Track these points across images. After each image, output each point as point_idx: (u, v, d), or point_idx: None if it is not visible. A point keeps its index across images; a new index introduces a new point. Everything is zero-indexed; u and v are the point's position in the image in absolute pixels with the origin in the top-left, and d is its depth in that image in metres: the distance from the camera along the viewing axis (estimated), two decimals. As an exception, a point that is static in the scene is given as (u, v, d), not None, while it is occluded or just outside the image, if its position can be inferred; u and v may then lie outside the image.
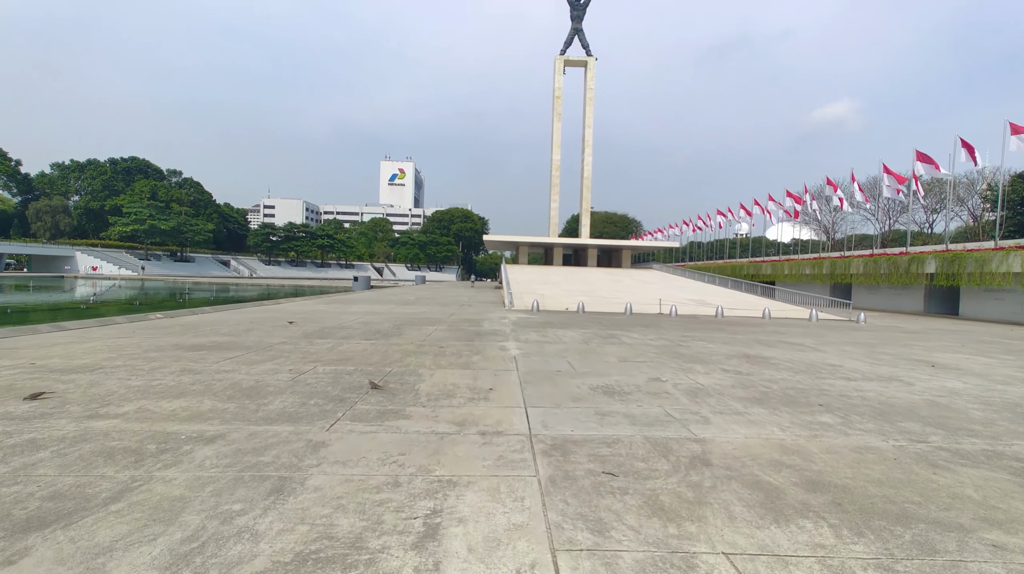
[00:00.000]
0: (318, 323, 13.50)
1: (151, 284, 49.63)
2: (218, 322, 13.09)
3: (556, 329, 13.89)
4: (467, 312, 19.10)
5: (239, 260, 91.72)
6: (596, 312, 21.19)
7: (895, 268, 32.75)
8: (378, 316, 16.23)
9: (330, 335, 11.10)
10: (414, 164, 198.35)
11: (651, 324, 16.30)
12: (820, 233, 71.63)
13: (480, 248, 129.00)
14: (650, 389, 6.66)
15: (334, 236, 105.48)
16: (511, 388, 6.52)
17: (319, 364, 7.67)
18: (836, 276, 38.49)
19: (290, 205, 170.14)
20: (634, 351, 10.12)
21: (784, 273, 45.47)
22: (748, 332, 14.71)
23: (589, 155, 54.17)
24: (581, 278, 37.58)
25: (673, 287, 34.00)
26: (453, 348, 9.78)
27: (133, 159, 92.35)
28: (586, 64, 53.63)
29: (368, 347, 9.54)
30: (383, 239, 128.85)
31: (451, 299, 27.82)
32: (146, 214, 69.90)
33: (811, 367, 8.80)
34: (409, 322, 14.61)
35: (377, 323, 14.05)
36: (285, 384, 6.22)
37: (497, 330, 13.28)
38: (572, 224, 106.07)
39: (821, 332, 15.52)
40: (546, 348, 10.21)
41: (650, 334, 13.28)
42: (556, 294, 27.82)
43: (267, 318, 14.46)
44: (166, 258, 78.07)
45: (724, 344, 11.65)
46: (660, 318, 19.08)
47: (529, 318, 17.33)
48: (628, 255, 55.09)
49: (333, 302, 22.80)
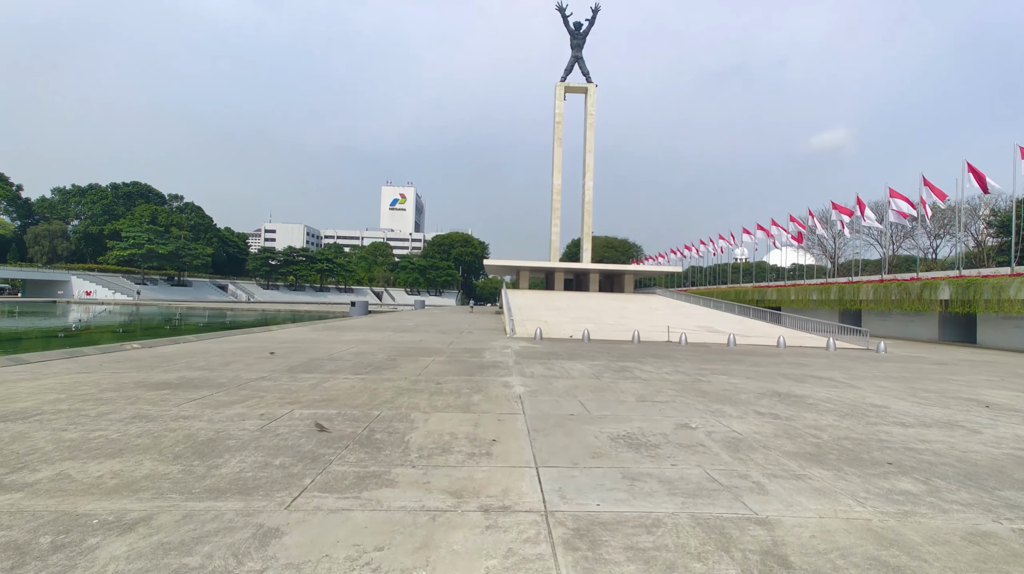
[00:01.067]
0: (306, 354, 12.53)
1: (144, 310, 48.66)
2: (197, 353, 12.13)
3: (563, 361, 12.91)
4: (467, 340, 18.13)
5: (237, 284, 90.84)
6: (602, 340, 20.21)
7: (906, 294, 31.84)
8: (373, 345, 15.26)
9: (317, 369, 10.13)
10: (415, 189, 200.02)
11: (663, 354, 15.32)
12: (823, 258, 71.10)
13: (480, 272, 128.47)
14: (681, 439, 5.68)
15: (333, 260, 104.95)
16: (518, 438, 5.55)
17: (297, 406, 6.69)
18: (845, 302, 37.54)
19: (291, 229, 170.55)
20: (651, 388, 9.14)
21: (790, 299, 44.54)
22: (768, 364, 13.72)
23: (590, 180, 53.97)
24: (584, 304, 36.65)
25: (679, 313, 33.05)
26: (451, 385, 8.81)
27: (135, 184, 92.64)
28: (586, 90, 53.99)
29: (357, 384, 8.57)
30: (383, 263, 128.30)
31: (451, 326, 26.86)
32: (144, 238, 69.40)
33: (855, 409, 7.81)
34: (405, 352, 13.64)
35: (371, 354, 13.08)
36: (250, 436, 5.25)
37: (499, 362, 12.31)
38: (573, 249, 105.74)
39: (846, 364, 14.52)
40: (554, 384, 9.24)
41: (664, 366, 12.30)
42: (559, 321, 26.86)
43: (252, 348, 13.49)
44: (163, 282, 77.19)
45: (748, 379, 10.66)
46: (670, 347, 18.09)
47: (532, 347, 16.36)
48: (631, 280, 54.29)
49: (327, 329, 21.83)
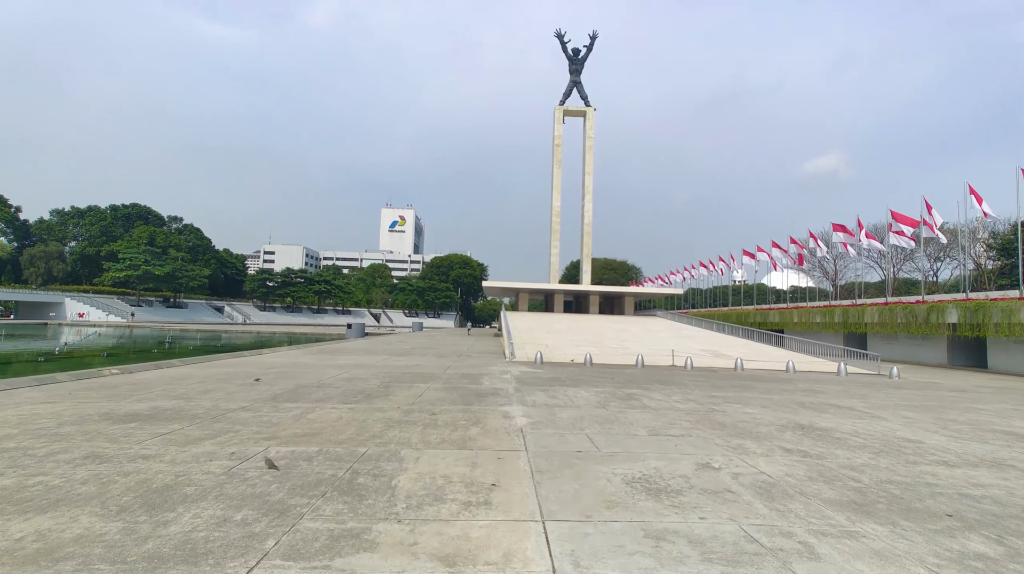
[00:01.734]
0: (294, 380, 11.84)
1: (137, 332, 47.83)
2: (178, 379, 11.44)
3: (566, 387, 12.23)
4: (465, 365, 17.43)
5: (233, 306, 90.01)
6: (605, 364, 19.51)
7: (913, 317, 31.28)
8: (366, 370, 14.57)
9: (303, 397, 9.45)
10: (414, 211, 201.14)
11: (670, 380, 14.63)
12: (824, 280, 70.76)
13: (479, 294, 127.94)
14: (705, 483, 5.02)
15: (331, 282, 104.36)
16: (520, 482, 4.89)
17: (274, 443, 6.02)
18: (850, 325, 36.92)
19: (290, 251, 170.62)
20: (663, 419, 8.47)
21: (793, 321, 43.90)
22: (782, 391, 13.04)
23: (589, 202, 53.97)
24: (585, 326, 35.99)
25: (682, 336, 32.38)
26: (447, 415, 8.14)
27: (135, 206, 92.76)
28: (585, 114, 54.48)
29: (345, 415, 7.90)
30: (381, 285, 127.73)
31: (448, 348, 26.14)
32: (141, 259, 68.87)
33: (887, 444, 7.15)
34: (400, 378, 12.95)
35: (363, 379, 12.40)
36: (213, 481, 4.58)
37: (498, 389, 11.63)
38: (572, 271, 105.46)
39: (862, 391, 13.84)
40: (558, 415, 8.57)
41: (674, 394, 11.62)
42: (560, 344, 26.17)
43: (238, 374, 12.79)
44: (158, 304, 76.33)
45: (764, 408, 9.99)
46: (676, 372, 17.40)
47: (533, 372, 15.67)
48: (631, 302, 53.74)
49: (320, 352, 21.12)
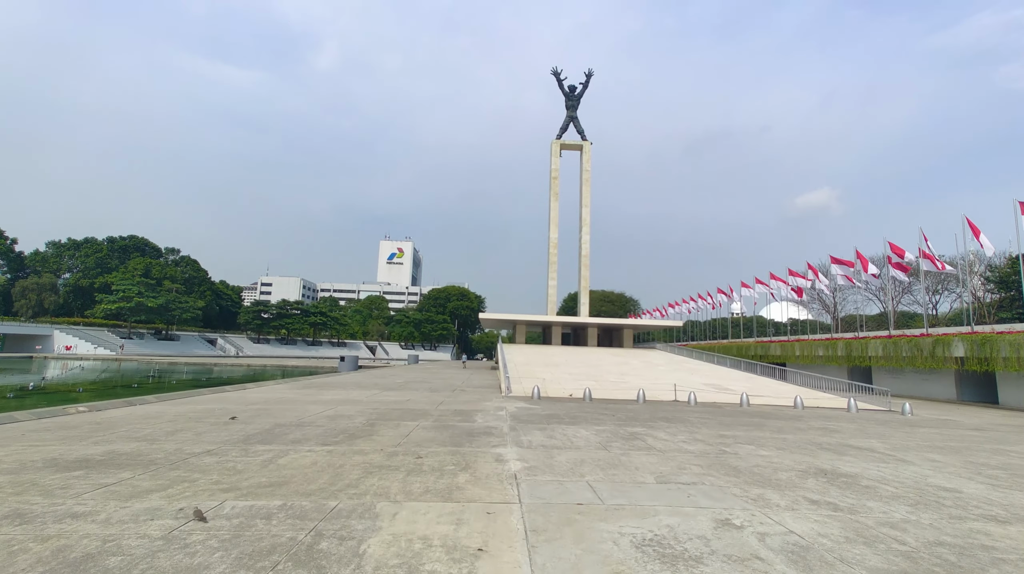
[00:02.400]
0: (273, 418, 11.05)
1: (125, 365, 46.63)
2: (147, 418, 10.64)
3: (564, 425, 11.46)
4: (459, 400, 16.61)
5: (227, 338, 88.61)
6: (605, 399, 18.69)
7: (918, 351, 30.61)
8: (353, 406, 13.76)
9: (278, 438, 8.68)
10: (413, 244, 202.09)
11: (674, 417, 13.84)
12: (823, 313, 70.29)
13: (476, 327, 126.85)
14: (728, 546, 4.30)
15: (327, 314, 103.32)
16: (512, 546, 4.16)
17: (232, 496, 5.28)
18: (853, 358, 36.17)
19: (287, 283, 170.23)
20: (671, 463, 7.72)
21: (795, 354, 43.12)
22: (794, 430, 12.27)
23: (587, 234, 54.04)
24: (583, 359, 35.16)
25: (683, 370, 31.55)
26: (434, 459, 7.39)
27: (132, 237, 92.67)
28: (581, 147, 55.29)
29: (320, 459, 7.14)
30: (378, 317, 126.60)
31: (443, 383, 25.24)
32: (134, 291, 68.03)
33: (922, 494, 6.42)
34: (388, 415, 12.15)
35: (348, 416, 11.60)
36: (146, 549, 3.85)
37: (492, 427, 10.85)
38: (570, 303, 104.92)
39: (878, 430, 13.07)
40: (556, 458, 7.82)
41: (680, 433, 10.86)
42: (558, 377, 25.33)
43: (214, 411, 11.99)
44: (150, 336, 74.98)
45: (779, 450, 9.25)
46: (680, 408, 16.59)
47: (530, 409, 14.86)
48: (630, 334, 53.01)
49: (308, 387, 20.23)
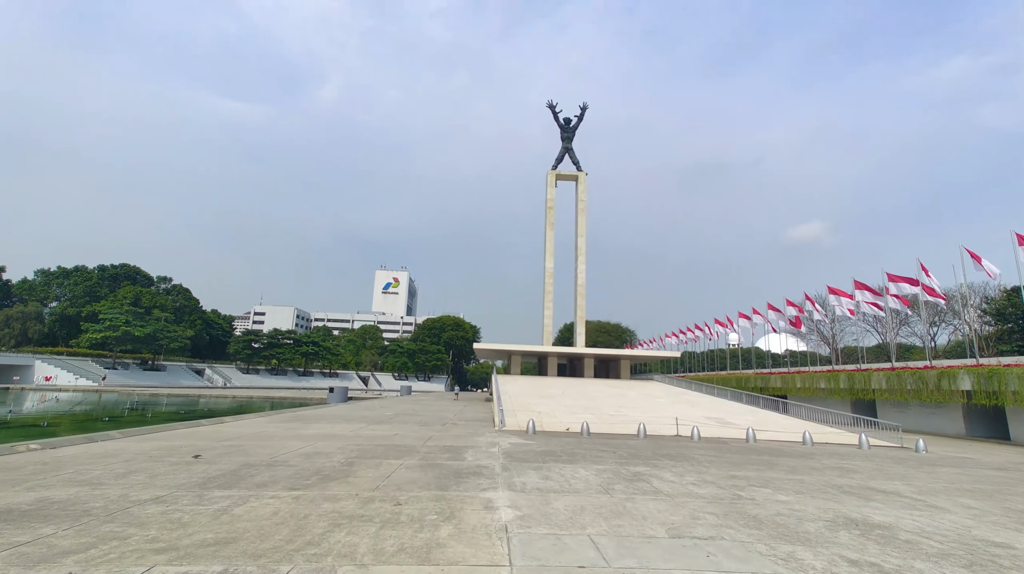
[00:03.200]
0: (243, 456, 10.10)
1: (105, 397, 44.96)
2: (102, 457, 9.68)
3: (561, 464, 10.55)
4: (449, 435, 15.61)
5: (215, 368, 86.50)
6: (603, 434, 17.72)
7: (923, 384, 29.80)
8: (334, 442, 12.78)
9: (243, 480, 7.77)
10: (408, 273, 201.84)
11: (679, 454, 12.92)
12: (821, 344, 69.64)
13: (471, 357, 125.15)
14: (765, 628, 3.48)
15: (320, 343, 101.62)
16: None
17: (165, 559, 4.40)
18: (856, 391, 35.24)
19: (281, 312, 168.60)
20: (683, 511, 6.87)
21: (796, 386, 42.12)
22: (808, 469, 11.39)
23: (583, 263, 53.71)
24: (580, 391, 34.09)
25: (683, 402, 30.54)
26: (415, 506, 6.51)
27: (124, 266, 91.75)
28: (577, 178, 55.66)
29: (283, 507, 6.26)
30: (372, 347, 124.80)
31: (433, 416, 24.13)
32: (121, 320, 66.58)
33: (972, 550, 5.60)
34: (370, 452, 11.20)
35: (326, 454, 10.66)
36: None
37: (483, 466, 9.94)
38: (565, 333, 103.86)
39: (897, 469, 12.21)
40: (552, 504, 6.95)
41: (688, 473, 9.97)
42: (554, 410, 24.30)
43: (179, 449, 11.01)
44: (135, 367, 72.95)
45: (798, 494, 8.39)
46: (684, 444, 15.65)
47: (525, 445, 13.91)
48: (627, 365, 51.95)
49: (291, 420, 19.15)
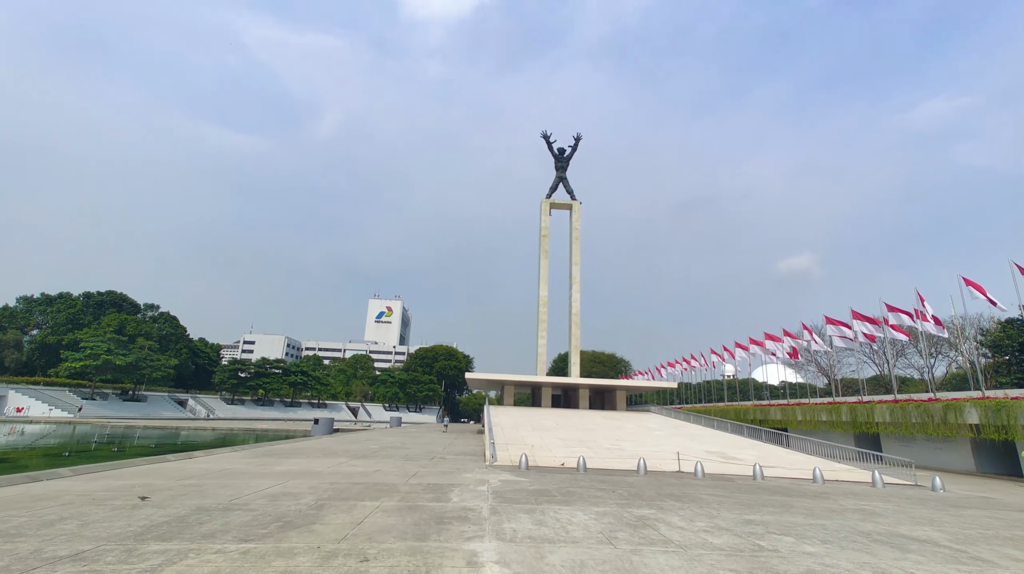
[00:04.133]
0: (199, 498, 8.97)
1: (79, 429, 42.90)
2: (37, 500, 8.54)
3: (557, 506, 9.49)
4: (435, 471, 14.44)
5: (198, 399, 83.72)
6: (601, 470, 16.59)
7: (928, 417, 28.87)
8: (308, 480, 11.63)
9: (188, 529, 6.69)
10: (402, 302, 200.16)
11: (685, 494, 11.87)
12: (818, 375, 68.70)
13: (464, 388, 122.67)
14: None
15: (309, 373, 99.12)
16: None
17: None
18: (859, 424, 34.19)
19: (271, 341, 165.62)
20: (700, 569, 5.88)
21: (797, 419, 40.99)
22: (827, 512, 10.38)
23: (577, 291, 53.07)
24: (575, 423, 32.78)
25: (682, 435, 29.33)
26: (383, 565, 5.49)
27: (110, 293, 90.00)
28: (571, 206, 55.63)
29: (224, 567, 5.22)
30: (363, 377, 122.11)
31: (421, 449, 22.79)
32: (103, 348, 64.51)
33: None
34: (345, 492, 10.09)
35: (295, 495, 9.55)
36: None
37: (469, 509, 8.87)
38: (559, 363, 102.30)
39: (923, 513, 11.22)
40: (547, 559, 5.95)
41: (698, 517, 8.95)
42: (548, 444, 23.08)
43: (132, 489, 9.86)
44: (114, 397, 70.24)
45: (824, 543, 7.41)
46: (687, 481, 14.56)
47: (517, 482, 12.79)
48: (623, 396, 50.61)
49: (266, 455, 17.85)
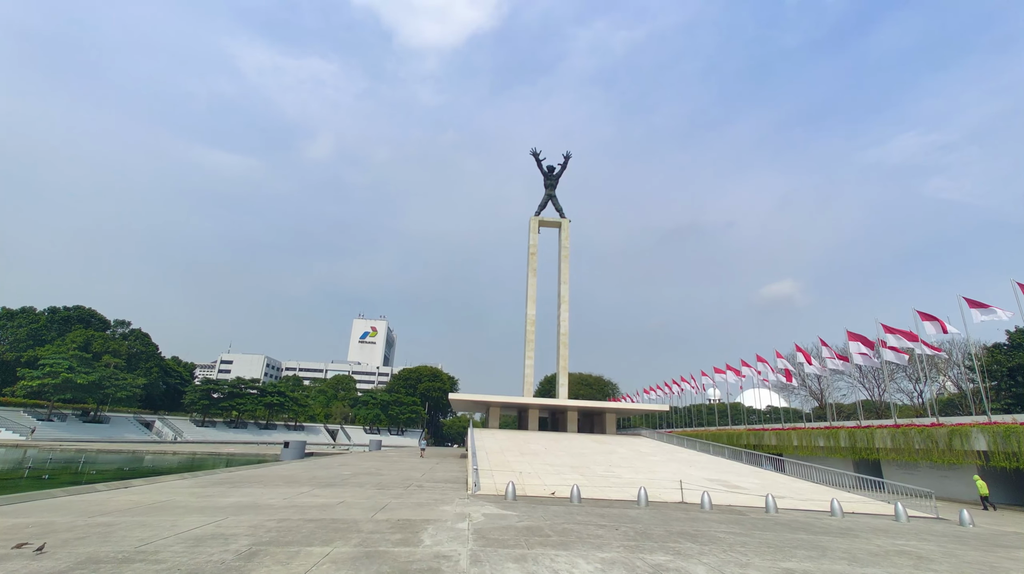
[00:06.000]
0: (99, 544, 7.02)
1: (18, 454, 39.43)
2: None
3: (553, 550, 7.72)
4: (409, 502, 12.50)
5: (166, 421, 79.19)
6: (597, 500, 14.78)
7: (932, 443, 27.65)
8: (252, 516, 9.67)
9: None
10: (387, 323, 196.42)
11: (699, 532, 10.16)
12: (809, 398, 67.63)
13: (448, 410, 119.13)
14: None
15: (286, 394, 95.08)
16: None
17: None
18: (859, 450, 32.86)
19: (250, 360, 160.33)
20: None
21: (793, 444, 39.56)
22: (869, 557, 8.77)
23: (566, 311, 51.60)
24: (565, 447, 30.80)
25: (678, 461, 27.58)
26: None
27: (77, 308, 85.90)
28: (560, 225, 54.66)
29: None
30: (344, 398, 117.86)
31: (398, 476, 20.66)
32: (63, 366, 60.64)
33: None
34: (293, 532, 8.19)
35: (227, 537, 7.64)
36: None
37: (444, 556, 7.07)
38: (546, 386, 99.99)
39: (975, 555, 9.69)
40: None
41: (727, 565, 7.26)
42: (537, 470, 21.15)
43: (22, 529, 7.84)
44: (73, 418, 65.73)
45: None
46: (695, 515, 12.83)
47: (503, 517, 10.94)
48: (613, 419, 48.73)
49: (218, 484, 15.67)
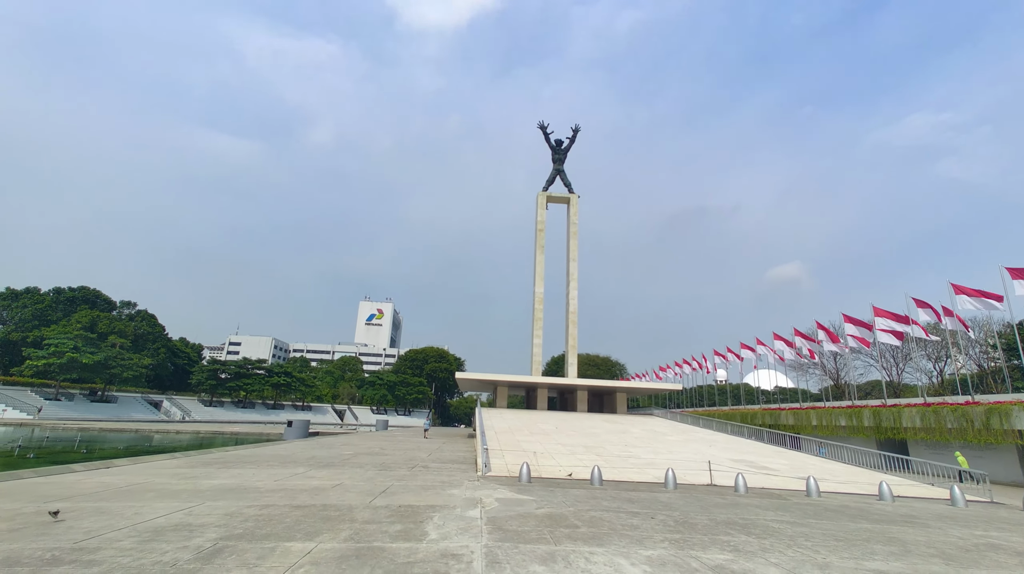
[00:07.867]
0: (39, 535, 5.73)
1: (24, 432, 38.99)
2: None
3: (585, 546, 6.35)
4: (414, 485, 11.24)
5: (174, 401, 79.36)
6: (619, 482, 13.48)
7: (968, 422, 26.13)
8: (231, 501, 8.41)
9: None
10: (393, 305, 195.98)
11: (750, 522, 8.78)
12: (824, 378, 66.10)
13: (455, 391, 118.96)
14: None
15: (293, 374, 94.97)
16: None
17: None
18: (884, 430, 31.42)
19: (258, 342, 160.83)
20: None
21: (811, 424, 38.13)
22: (960, 553, 7.36)
23: (574, 289, 50.08)
24: (576, 426, 29.64)
25: (696, 440, 26.31)
26: None
27: (83, 289, 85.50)
28: (568, 200, 52.78)
29: None
30: (351, 379, 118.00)
31: (402, 456, 19.51)
32: (68, 346, 60.27)
33: None
34: (271, 523, 6.90)
35: (192, 529, 6.35)
36: None
37: (453, 553, 5.71)
38: (554, 366, 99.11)
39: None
40: None
41: (803, 566, 5.86)
42: (550, 450, 19.93)
43: None
44: (81, 397, 65.80)
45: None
46: (733, 499, 11.48)
47: (520, 502, 9.63)
48: (623, 399, 47.57)
49: (207, 464, 14.53)
